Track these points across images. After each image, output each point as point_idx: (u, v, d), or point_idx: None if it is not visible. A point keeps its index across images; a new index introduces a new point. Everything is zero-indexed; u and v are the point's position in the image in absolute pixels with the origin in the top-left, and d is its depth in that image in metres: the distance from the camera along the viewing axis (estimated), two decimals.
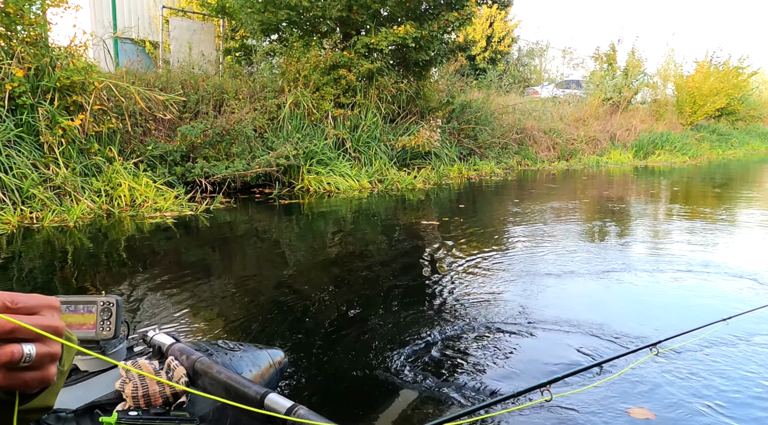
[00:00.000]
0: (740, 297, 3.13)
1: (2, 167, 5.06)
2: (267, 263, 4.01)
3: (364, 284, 3.42)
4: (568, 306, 2.98)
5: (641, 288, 3.32)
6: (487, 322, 2.66)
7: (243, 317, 2.77)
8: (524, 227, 5.38)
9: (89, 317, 0.92)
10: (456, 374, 2.12)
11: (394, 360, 2.21)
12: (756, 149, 21.58)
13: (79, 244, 4.31)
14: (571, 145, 13.84)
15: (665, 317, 2.81)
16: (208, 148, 6.94)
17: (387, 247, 4.53)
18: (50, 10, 5.99)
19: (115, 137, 6.15)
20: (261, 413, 0.85)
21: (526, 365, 2.19)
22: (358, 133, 8.58)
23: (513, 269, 3.74)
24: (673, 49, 24.20)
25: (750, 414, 1.83)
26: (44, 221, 4.76)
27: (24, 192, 5.06)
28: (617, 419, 1.76)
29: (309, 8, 8.45)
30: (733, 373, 2.11)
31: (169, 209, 5.50)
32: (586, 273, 3.66)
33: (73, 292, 3.14)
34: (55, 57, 5.75)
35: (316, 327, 2.64)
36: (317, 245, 4.56)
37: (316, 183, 7.36)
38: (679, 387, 2.00)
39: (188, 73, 7.70)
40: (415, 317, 2.76)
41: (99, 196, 5.51)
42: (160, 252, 4.24)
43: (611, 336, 2.49)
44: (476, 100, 11.86)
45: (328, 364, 2.20)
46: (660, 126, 17.21)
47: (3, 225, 4.54)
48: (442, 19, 9.09)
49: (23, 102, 5.42)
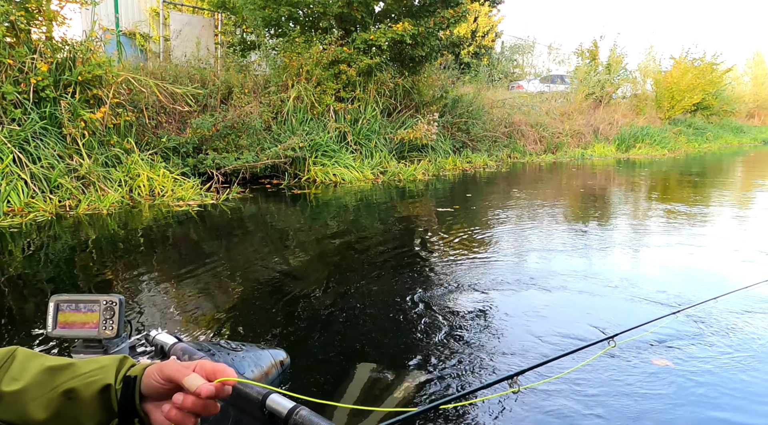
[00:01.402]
0: (700, 286, 3.28)
1: (31, 157, 5.26)
2: (300, 249, 4.34)
3: (396, 274, 3.77)
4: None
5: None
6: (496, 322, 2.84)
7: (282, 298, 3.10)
8: (536, 212, 5.80)
9: (92, 316, 0.92)
10: (435, 365, 2.22)
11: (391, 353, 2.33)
12: (729, 143, 22.48)
13: (119, 230, 4.57)
14: (556, 138, 14.34)
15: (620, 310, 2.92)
16: (218, 140, 7.19)
17: (415, 233, 4.89)
18: (67, 6, 6.15)
19: (131, 130, 6.37)
20: (262, 413, 0.85)
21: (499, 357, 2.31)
22: (358, 126, 8.89)
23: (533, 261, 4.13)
24: (652, 46, 24.97)
25: (698, 393, 2.00)
26: (78, 209, 5.00)
27: (52, 182, 5.27)
28: (579, 404, 1.90)
29: (311, 4, 8.71)
30: (685, 363, 2.23)
31: (191, 199, 5.77)
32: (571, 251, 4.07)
33: (131, 270, 3.43)
34: (74, 52, 5.93)
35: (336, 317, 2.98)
36: (343, 234, 4.89)
37: (323, 174, 7.67)
38: (635, 375, 2.12)
39: (197, 68, 7.90)
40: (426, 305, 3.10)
41: (120, 186, 5.75)
42: (196, 237, 4.53)
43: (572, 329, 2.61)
44: (467, 95, 12.25)
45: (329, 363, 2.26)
46: (640, 120, 17.87)
47: (43, 212, 4.78)
48: (437, 16, 9.43)
49: (46, 95, 5.62)
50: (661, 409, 1.89)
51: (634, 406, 1.91)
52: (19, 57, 5.42)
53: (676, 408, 1.90)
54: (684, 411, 1.89)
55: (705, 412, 1.89)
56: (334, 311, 2.80)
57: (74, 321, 0.91)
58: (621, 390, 2.00)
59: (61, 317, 0.90)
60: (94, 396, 0.67)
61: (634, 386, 2.04)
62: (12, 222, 4.51)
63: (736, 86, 31.72)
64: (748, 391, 2.04)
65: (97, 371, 0.69)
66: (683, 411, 1.89)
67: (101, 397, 0.67)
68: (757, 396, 2.01)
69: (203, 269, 3.45)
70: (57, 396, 0.67)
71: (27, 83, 5.50)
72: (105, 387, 0.68)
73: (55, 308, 0.90)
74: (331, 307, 2.85)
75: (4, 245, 3.94)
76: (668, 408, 1.90)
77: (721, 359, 2.28)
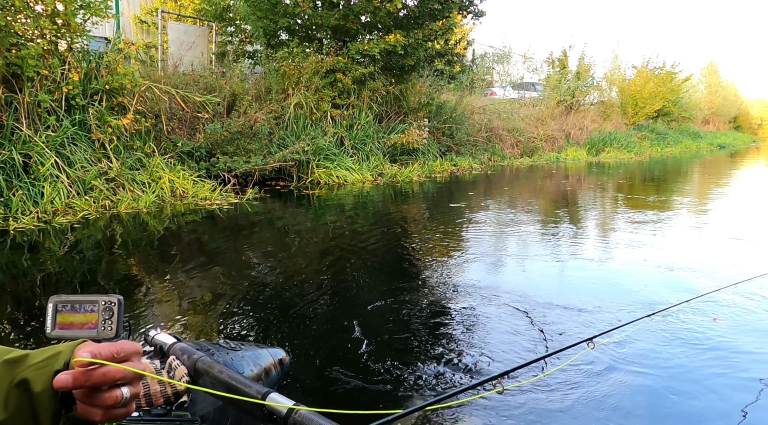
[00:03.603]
0: (672, 289, 3.43)
1: (67, 161, 5.63)
2: (325, 241, 4.87)
3: (424, 266, 4.35)
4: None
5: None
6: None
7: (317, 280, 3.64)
8: (535, 208, 6.47)
9: (91, 317, 0.91)
10: (418, 365, 2.31)
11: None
12: (688, 147, 23.96)
13: (160, 226, 5.01)
14: (531, 143, 15.20)
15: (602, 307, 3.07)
16: (228, 144, 7.63)
17: (439, 227, 5.47)
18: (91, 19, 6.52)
19: (149, 135, 6.77)
20: (262, 412, 0.85)
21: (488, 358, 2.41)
22: (354, 131, 9.45)
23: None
24: (617, 56, 26.31)
25: (677, 389, 2.11)
26: (120, 208, 5.41)
27: (87, 184, 5.65)
28: (560, 404, 1.99)
29: (311, 16, 9.24)
30: (665, 362, 2.36)
31: (216, 199, 6.22)
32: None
33: (184, 260, 3.91)
34: (100, 62, 6.32)
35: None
36: (362, 229, 5.44)
37: (326, 176, 8.19)
38: (613, 375, 2.23)
39: (207, 76, 8.32)
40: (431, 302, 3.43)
41: (146, 187, 6.15)
42: (231, 231, 5.02)
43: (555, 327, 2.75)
44: (449, 102, 12.96)
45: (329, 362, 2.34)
46: (608, 126, 18.98)
47: (86, 211, 5.18)
48: (426, 29, 10.09)
49: (76, 103, 5.99)
50: (641, 406, 1.97)
51: (614, 404, 1.99)
52: (54, 68, 5.79)
53: (655, 405, 1.98)
54: (663, 408, 1.98)
55: (685, 408, 1.98)
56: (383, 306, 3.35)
57: (73, 321, 0.89)
58: (601, 390, 2.08)
59: (60, 318, 0.89)
60: (46, 386, 0.63)
61: (614, 385, 2.12)
62: (63, 221, 4.91)
63: (693, 94, 33.58)
64: (721, 385, 2.17)
65: (49, 359, 0.66)
66: (662, 409, 1.97)
67: (52, 386, 0.63)
68: (731, 389, 2.14)
69: (262, 254, 3.96)
70: (12, 389, 0.63)
71: (59, 92, 5.86)
72: (55, 374, 0.63)
73: (53, 309, 0.89)
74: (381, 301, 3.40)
75: (81, 239, 4.37)
76: (648, 405, 1.99)
77: (693, 358, 2.41)
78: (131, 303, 2.92)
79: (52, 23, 5.87)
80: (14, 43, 5.45)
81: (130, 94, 6.49)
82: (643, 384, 2.13)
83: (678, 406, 1.98)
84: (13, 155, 5.23)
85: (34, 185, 5.26)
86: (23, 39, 5.58)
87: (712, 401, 2.03)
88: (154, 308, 2.92)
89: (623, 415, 1.91)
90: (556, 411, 1.92)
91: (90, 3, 6.17)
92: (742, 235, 5.13)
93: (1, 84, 5.52)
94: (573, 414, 1.90)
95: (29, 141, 5.46)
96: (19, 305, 2.96)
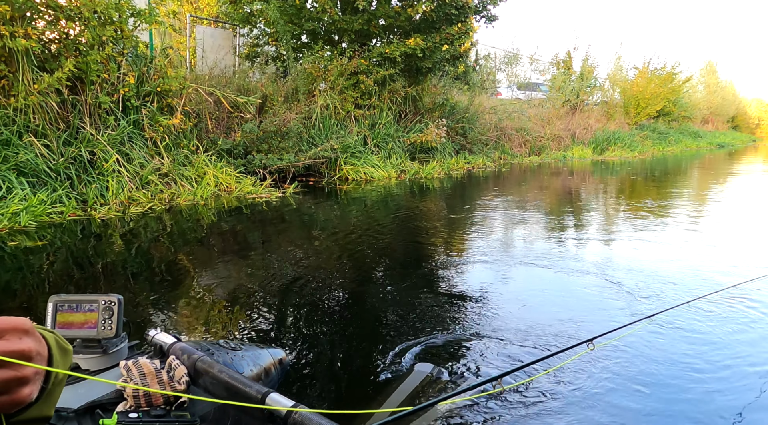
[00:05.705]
0: (681, 287, 3.39)
1: (127, 158, 6.10)
2: (381, 226, 5.35)
3: (465, 258, 4.83)
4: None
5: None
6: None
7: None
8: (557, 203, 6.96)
9: (91, 316, 0.91)
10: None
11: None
12: (689, 146, 24.51)
13: (227, 217, 5.50)
14: (539, 142, 15.70)
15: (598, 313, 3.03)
16: (262, 143, 8.10)
17: (488, 216, 5.96)
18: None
19: (193, 134, 7.24)
20: (262, 412, 0.85)
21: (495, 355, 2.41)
22: (376, 130, 9.93)
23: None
24: (620, 57, 26.85)
25: (675, 395, 2.06)
26: (180, 199, 5.90)
27: (143, 179, 6.11)
28: (560, 404, 1.99)
29: (336, 20, 9.73)
30: (665, 363, 2.34)
31: (262, 193, 6.71)
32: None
33: (254, 246, 4.39)
34: (150, 66, 6.78)
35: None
36: (401, 221, 5.92)
37: (354, 173, 8.67)
38: (614, 376, 2.20)
39: (241, 78, 8.80)
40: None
41: (194, 182, 6.62)
42: (284, 220, 5.50)
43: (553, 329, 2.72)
44: (461, 102, 13.45)
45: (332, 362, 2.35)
46: (611, 125, 19.51)
47: (149, 204, 5.66)
48: (443, 32, 10.57)
49: (131, 104, 6.45)
50: (641, 407, 1.97)
51: (614, 405, 1.99)
52: (112, 72, 6.25)
53: (656, 406, 1.98)
54: (663, 408, 1.96)
55: (685, 409, 1.97)
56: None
57: (73, 321, 0.88)
58: (601, 391, 2.08)
59: (60, 317, 0.88)
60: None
61: (614, 386, 2.12)
62: (133, 212, 5.39)
63: (692, 94, 34.16)
64: (722, 386, 2.14)
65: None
66: (663, 409, 1.96)
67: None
68: (731, 390, 2.11)
69: (316, 238, 4.44)
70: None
71: (117, 94, 6.32)
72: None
73: (53, 308, 0.88)
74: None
75: (162, 226, 4.99)
76: (649, 405, 1.98)
77: (694, 359, 2.39)
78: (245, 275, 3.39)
79: (116, 32, 6.34)
80: (82, 50, 5.90)
81: (177, 95, 6.95)
82: (643, 385, 2.13)
83: (678, 407, 1.98)
84: (82, 152, 5.69)
85: (99, 179, 5.73)
86: (86, 46, 6.04)
87: (712, 401, 2.02)
88: (250, 280, 3.39)
89: (623, 416, 1.91)
90: (556, 411, 1.93)
91: (141, 11, 6.64)
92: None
93: (66, 88, 5.98)
94: (573, 415, 1.90)
95: (93, 139, 5.93)
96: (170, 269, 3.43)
